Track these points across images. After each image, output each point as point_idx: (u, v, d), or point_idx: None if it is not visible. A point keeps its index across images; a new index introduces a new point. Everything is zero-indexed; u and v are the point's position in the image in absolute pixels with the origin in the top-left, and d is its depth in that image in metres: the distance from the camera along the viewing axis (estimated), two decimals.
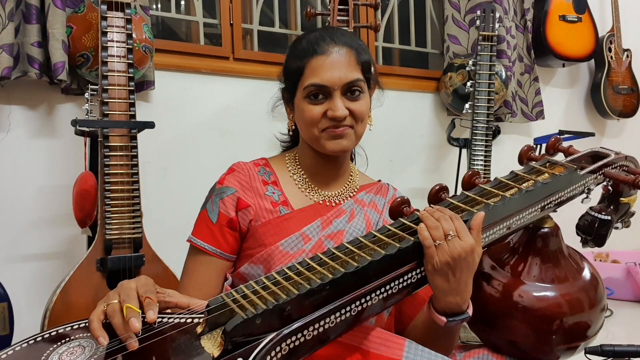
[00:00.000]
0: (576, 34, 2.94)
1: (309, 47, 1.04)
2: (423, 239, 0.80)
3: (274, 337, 0.69)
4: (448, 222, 0.81)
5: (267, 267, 1.00)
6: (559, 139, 0.98)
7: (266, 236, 1.03)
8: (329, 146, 1.03)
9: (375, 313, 0.80)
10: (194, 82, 2.10)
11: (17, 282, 1.70)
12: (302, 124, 1.06)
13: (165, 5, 2.29)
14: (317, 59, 1.02)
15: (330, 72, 1.01)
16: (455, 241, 0.79)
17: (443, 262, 0.79)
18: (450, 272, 0.80)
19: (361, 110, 1.03)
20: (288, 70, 1.08)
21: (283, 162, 1.13)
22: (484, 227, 0.84)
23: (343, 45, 1.03)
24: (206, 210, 1.06)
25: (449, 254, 0.79)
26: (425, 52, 2.88)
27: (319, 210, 1.06)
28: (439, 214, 0.82)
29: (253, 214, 1.04)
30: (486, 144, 2.22)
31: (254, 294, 0.74)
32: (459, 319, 0.84)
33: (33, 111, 1.81)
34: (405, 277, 0.80)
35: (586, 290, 0.91)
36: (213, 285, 1.04)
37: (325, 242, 1.02)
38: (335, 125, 1.02)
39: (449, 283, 0.81)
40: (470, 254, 0.80)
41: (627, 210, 0.99)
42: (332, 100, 1.01)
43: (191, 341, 0.71)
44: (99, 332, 0.71)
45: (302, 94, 1.03)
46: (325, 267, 0.78)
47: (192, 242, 1.06)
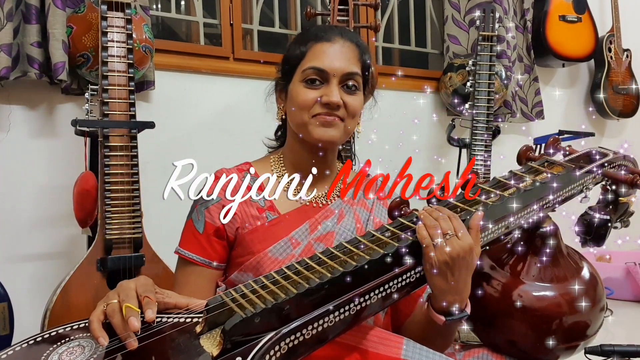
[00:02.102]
0: (576, 34, 2.94)
1: (315, 33, 1.05)
2: (421, 238, 0.80)
3: (272, 336, 0.69)
4: (446, 222, 0.81)
5: (256, 275, 0.97)
6: (557, 139, 0.98)
7: (254, 243, 1.02)
8: (317, 133, 1.01)
9: (374, 312, 0.81)
10: (194, 82, 2.10)
11: (17, 282, 1.70)
12: (294, 109, 1.04)
13: (165, 6, 2.29)
14: (322, 45, 1.03)
15: (332, 59, 1.01)
16: (453, 240, 0.79)
17: (441, 262, 0.79)
18: (449, 272, 0.80)
19: (354, 105, 1.03)
20: (289, 55, 1.08)
21: (267, 164, 1.11)
22: (483, 227, 0.84)
23: (348, 40, 1.04)
24: (192, 220, 1.05)
25: (447, 253, 0.79)
26: (425, 52, 2.88)
27: (306, 213, 1.05)
28: (437, 214, 0.82)
29: (239, 222, 1.03)
30: (486, 144, 2.22)
31: (253, 294, 0.74)
32: (457, 318, 0.85)
33: (33, 111, 1.81)
34: (404, 277, 0.80)
35: (586, 290, 0.91)
36: (205, 294, 1.02)
37: (314, 245, 1.01)
38: (327, 112, 1.01)
39: (447, 282, 0.81)
40: (469, 253, 0.80)
41: (626, 210, 0.99)
42: (328, 87, 1.01)
43: (190, 340, 0.71)
44: (98, 332, 0.71)
45: (299, 77, 1.03)
46: (324, 266, 0.78)
47: (179, 254, 1.05)
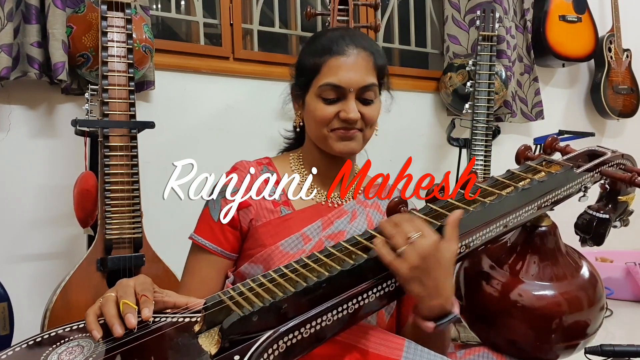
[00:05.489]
0: (576, 34, 2.94)
1: (328, 45, 1.04)
2: (381, 256, 0.77)
3: (270, 335, 0.69)
4: (407, 224, 0.78)
5: (266, 267, 0.99)
6: (555, 139, 0.98)
7: (266, 236, 1.03)
8: (337, 147, 1.03)
9: (372, 311, 0.80)
10: (194, 82, 2.11)
11: (17, 282, 1.70)
12: (311, 122, 1.06)
13: (165, 5, 2.29)
14: (336, 59, 1.02)
15: (348, 73, 1.01)
16: (417, 241, 0.76)
17: (412, 267, 0.76)
18: (423, 275, 0.77)
19: (372, 116, 1.04)
20: (303, 66, 1.07)
21: (287, 161, 1.13)
22: (482, 225, 0.84)
23: (362, 49, 1.03)
24: (208, 208, 1.06)
25: (415, 255, 0.76)
26: (425, 52, 2.88)
27: (320, 211, 1.06)
28: (398, 218, 0.80)
29: (254, 214, 1.04)
30: (486, 144, 2.22)
31: (251, 292, 0.74)
32: (446, 321, 0.81)
33: (33, 111, 1.81)
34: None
35: (585, 289, 0.91)
36: (214, 283, 1.04)
37: (325, 242, 1.02)
38: (346, 127, 1.02)
39: (425, 287, 0.78)
40: (436, 249, 0.76)
41: (626, 209, 0.98)
42: (346, 102, 1.01)
43: (189, 339, 0.71)
44: (93, 325, 0.72)
45: (316, 92, 1.03)
46: (322, 265, 0.79)
47: (193, 240, 1.06)
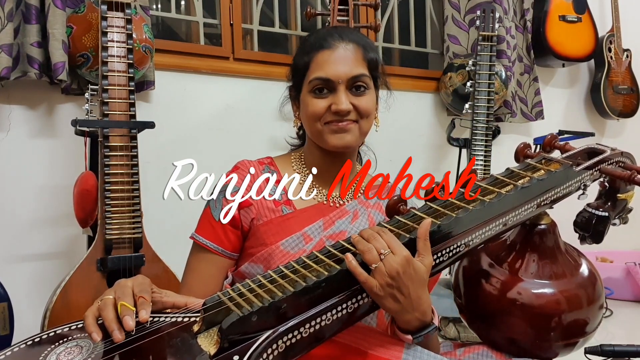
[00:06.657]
0: (576, 34, 2.94)
1: (316, 42, 1.05)
2: (358, 275, 0.76)
3: (270, 335, 0.69)
4: (378, 240, 0.77)
5: (267, 267, 0.99)
6: (555, 137, 0.97)
7: (267, 235, 1.02)
8: (332, 141, 1.03)
9: (371, 311, 0.80)
10: (194, 82, 2.11)
11: (17, 282, 1.70)
12: (306, 118, 1.06)
13: (165, 5, 2.30)
14: (323, 54, 1.03)
15: (336, 66, 1.01)
16: (389, 258, 0.76)
17: (384, 285, 0.76)
18: (396, 292, 0.77)
19: (366, 106, 1.03)
20: (295, 66, 1.08)
21: (288, 161, 1.13)
22: (481, 224, 0.84)
23: (350, 42, 1.04)
24: (209, 207, 1.06)
25: (386, 274, 0.75)
26: (425, 52, 2.88)
27: (321, 211, 1.06)
28: (369, 233, 0.80)
29: (255, 213, 1.04)
30: (486, 144, 2.22)
31: (250, 292, 0.74)
32: (424, 333, 0.82)
33: (33, 111, 1.82)
34: None
35: (584, 287, 0.91)
36: (215, 282, 1.04)
37: (326, 242, 1.02)
38: (338, 119, 1.01)
39: (399, 303, 0.78)
40: (407, 265, 0.76)
41: (625, 207, 0.98)
42: (336, 95, 1.01)
43: (188, 339, 0.71)
44: (92, 327, 0.72)
45: (307, 88, 1.04)
46: (322, 264, 0.79)
47: (195, 239, 1.06)
